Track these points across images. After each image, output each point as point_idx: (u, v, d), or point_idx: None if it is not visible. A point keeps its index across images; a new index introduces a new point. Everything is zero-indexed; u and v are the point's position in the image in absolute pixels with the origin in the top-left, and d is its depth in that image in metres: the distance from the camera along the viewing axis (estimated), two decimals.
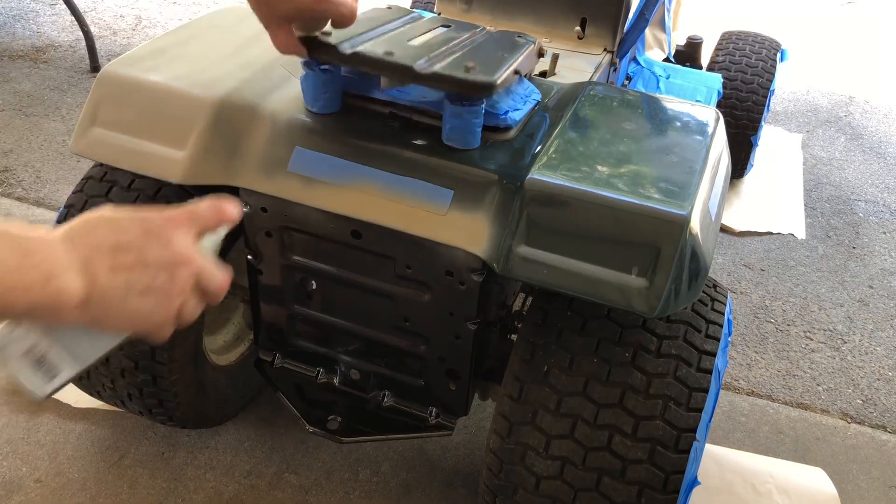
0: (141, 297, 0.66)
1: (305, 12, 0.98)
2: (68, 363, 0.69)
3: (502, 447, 1.19)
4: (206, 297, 0.75)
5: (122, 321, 0.67)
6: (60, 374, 0.69)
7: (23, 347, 0.68)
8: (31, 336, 0.68)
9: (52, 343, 0.68)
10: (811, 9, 5.03)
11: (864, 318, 2.34)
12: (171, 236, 0.69)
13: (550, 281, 1.09)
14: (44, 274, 0.60)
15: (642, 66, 2.43)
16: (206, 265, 0.73)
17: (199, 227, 0.73)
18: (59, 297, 0.61)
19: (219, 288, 0.75)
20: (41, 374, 0.69)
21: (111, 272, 0.64)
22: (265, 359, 1.52)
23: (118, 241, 0.65)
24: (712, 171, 1.19)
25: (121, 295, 0.65)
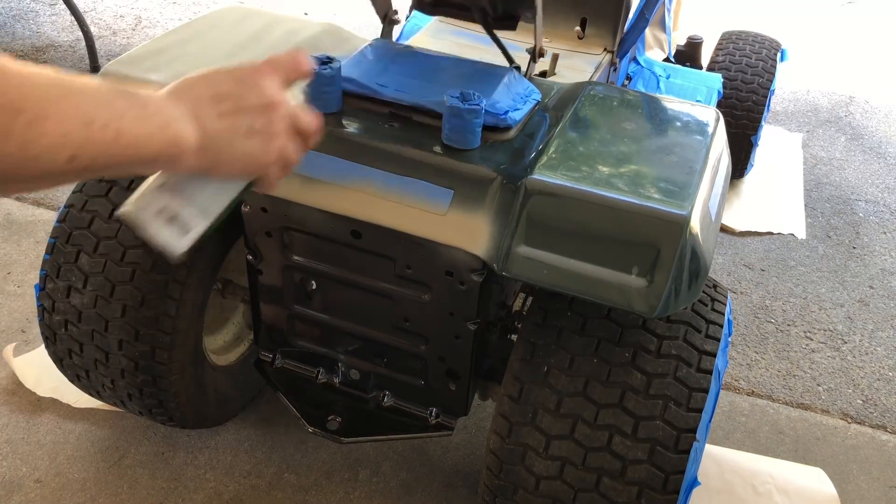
0: (246, 139, 0.72)
1: None
2: (198, 217, 0.76)
3: (502, 447, 1.19)
4: (302, 138, 0.79)
5: (233, 164, 0.73)
6: (194, 229, 0.76)
7: (155, 209, 0.74)
8: (161, 198, 0.75)
9: (181, 202, 0.75)
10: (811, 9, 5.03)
11: (865, 318, 2.34)
12: (262, 83, 0.74)
13: (550, 281, 1.09)
14: (161, 122, 0.65)
15: (642, 66, 2.43)
16: (296, 107, 0.77)
17: (282, 76, 0.77)
18: (177, 142, 0.67)
19: (311, 127, 0.79)
20: (175, 230, 0.75)
21: (216, 119, 0.70)
22: (265, 359, 1.52)
23: (216, 93, 0.71)
24: (712, 171, 1.19)
25: (228, 138, 0.71)
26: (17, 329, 2.02)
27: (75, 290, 1.39)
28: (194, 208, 0.76)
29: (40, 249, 2.29)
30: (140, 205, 0.75)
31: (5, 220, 2.44)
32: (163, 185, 0.76)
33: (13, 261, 2.25)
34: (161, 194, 0.75)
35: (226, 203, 0.78)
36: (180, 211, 0.76)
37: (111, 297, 1.37)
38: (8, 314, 2.06)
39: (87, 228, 1.39)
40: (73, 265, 1.39)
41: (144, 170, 0.69)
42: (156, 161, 0.67)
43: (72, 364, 1.49)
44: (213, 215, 0.78)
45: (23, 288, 2.15)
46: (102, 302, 1.37)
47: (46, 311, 1.44)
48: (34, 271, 2.21)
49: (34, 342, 1.95)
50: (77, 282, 1.39)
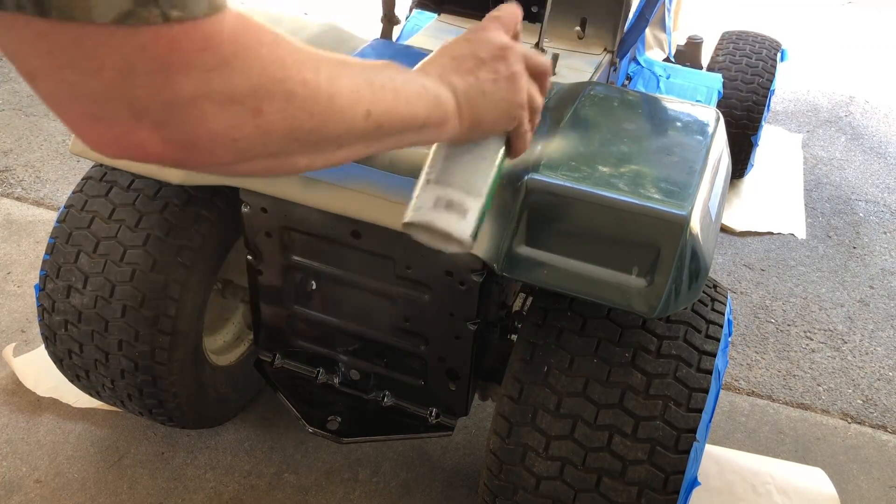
0: (495, 86, 0.75)
1: None
2: (470, 198, 0.78)
3: (502, 448, 1.19)
4: (539, 77, 0.81)
5: (491, 113, 0.76)
6: (470, 210, 0.77)
7: (431, 202, 0.77)
8: (431, 192, 0.77)
9: (450, 189, 0.77)
10: (811, 9, 5.03)
11: (865, 318, 2.34)
12: (490, 35, 0.77)
13: (550, 281, 1.09)
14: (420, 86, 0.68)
15: (642, 66, 2.43)
16: (526, 48, 0.79)
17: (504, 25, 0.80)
18: (440, 102, 0.70)
19: (545, 65, 0.81)
20: (455, 216, 0.76)
21: (462, 77, 0.73)
22: (265, 359, 1.52)
23: (453, 56, 0.74)
24: (712, 171, 1.19)
25: (479, 89, 0.73)
26: (17, 329, 2.02)
27: (75, 291, 1.39)
28: (463, 190, 0.77)
29: (40, 249, 2.29)
30: (416, 206, 0.77)
31: (5, 220, 2.44)
32: (427, 181, 0.78)
33: (13, 261, 2.25)
34: (428, 189, 0.77)
35: (490, 177, 0.79)
36: (452, 195, 0.77)
37: (111, 297, 1.37)
38: (8, 314, 2.06)
39: (87, 228, 1.39)
40: (73, 265, 1.39)
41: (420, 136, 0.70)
42: (429, 122, 0.69)
43: (72, 364, 1.49)
44: (483, 192, 0.78)
45: (23, 288, 2.15)
46: (102, 302, 1.37)
47: (46, 311, 1.44)
48: (34, 271, 2.21)
49: (34, 342, 1.95)
50: (77, 282, 1.39)
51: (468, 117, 0.73)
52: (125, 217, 1.38)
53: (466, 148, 0.78)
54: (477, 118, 0.74)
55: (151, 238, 1.36)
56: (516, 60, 0.77)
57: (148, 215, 1.38)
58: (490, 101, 0.75)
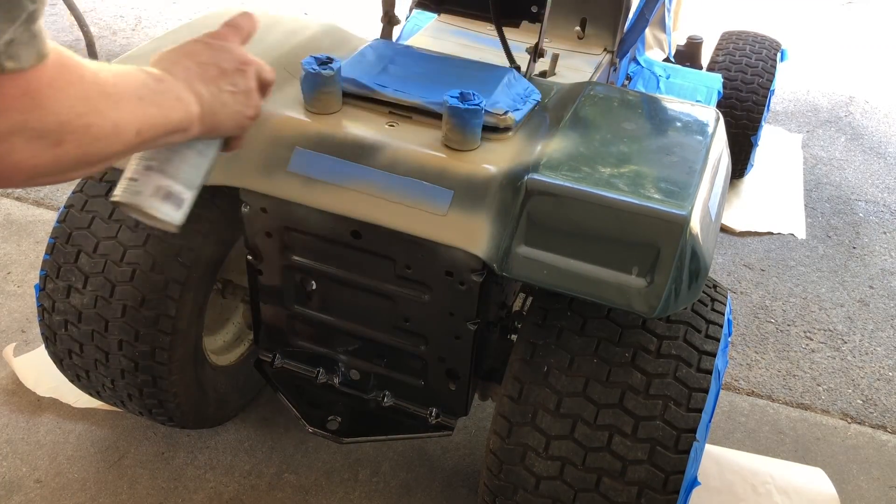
0: (233, 98, 0.83)
1: None
2: (188, 190, 0.86)
3: (502, 447, 1.19)
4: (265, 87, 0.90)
5: (227, 122, 0.83)
6: (186, 201, 0.86)
7: (150, 189, 0.83)
8: (152, 179, 0.84)
9: (170, 180, 0.84)
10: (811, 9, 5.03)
11: (865, 318, 2.34)
12: (231, 47, 0.85)
13: (550, 281, 1.09)
14: (175, 95, 0.75)
15: (642, 66, 2.43)
16: (260, 62, 0.88)
17: (241, 36, 0.89)
18: (188, 112, 0.77)
19: (271, 77, 0.90)
20: (171, 205, 0.84)
21: (206, 85, 0.79)
22: (265, 359, 1.52)
23: (198, 62, 0.80)
24: (712, 171, 1.19)
25: (220, 101, 0.81)
26: (17, 329, 2.02)
27: (75, 290, 1.39)
28: (181, 183, 0.85)
29: (40, 249, 2.29)
30: (133, 189, 0.83)
31: (5, 220, 2.44)
32: (148, 167, 0.84)
33: (13, 261, 2.25)
34: (150, 176, 0.84)
35: (204, 172, 0.88)
36: (172, 187, 0.84)
37: (111, 297, 1.37)
38: (8, 314, 2.06)
39: (87, 228, 1.39)
40: (73, 265, 1.39)
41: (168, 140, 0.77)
42: (178, 129, 0.76)
43: (72, 364, 1.49)
44: (196, 185, 0.88)
45: (23, 288, 2.15)
46: (102, 302, 1.37)
47: (46, 311, 1.44)
48: (34, 271, 2.21)
49: (34, 342, 1.95)
50: (77, 282, 1.39)
51: (207, 123, 0.80)
52: (125, 217, 1.38)
53: (190, 143, 0.85)
54: (214, 125, 0.82)
55: (151, 238, 1.36)
56: (252, 76, 0.85)
57: None
58: (227, 112, 0.82)
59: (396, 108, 1.25)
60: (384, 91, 1.25)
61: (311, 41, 1.43)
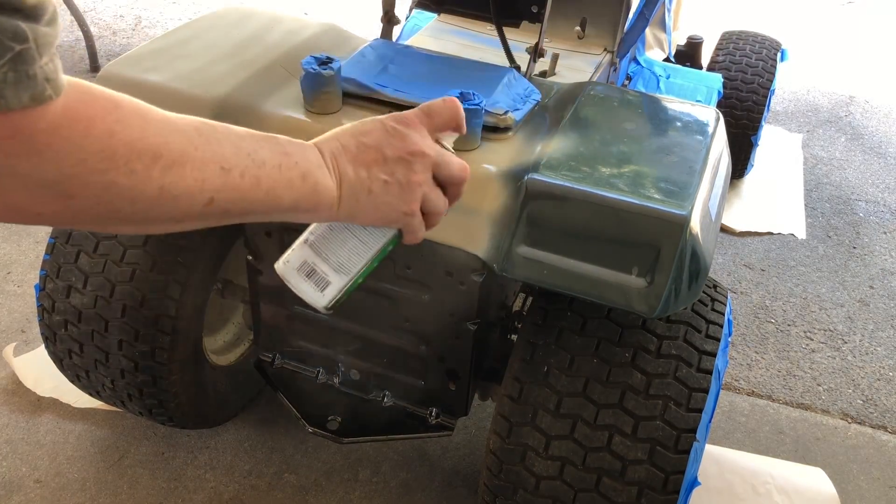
0: (385, 188, 0.73)
1: None
2: (335, 273, 0.80)
3: (502, 447, 1.19)
4: (450, 187, 0.79)
5: (371, 213, 0.74)
6: (332, 284, 0.79)
7: (298, 264, 0.79)
8: (302, 253, 0.79)
9: (318, 257, 0.79)
10: (811, 8, 5.03)
11: (865, 318, 2.34)
12: (408, 133, 0.74)
13: (550, 281, 1.09)
14: (302, 171, 0.67)
15: (642, 65, 2.43)
16: (442, 155, 0.76)
17: (433, 125, 0.77)
18: (317, 192, 0.68)
19: (458, 176, 0.78)
20: (313, 285, 0.79)
21: (356, 168, 0.71)
22: (265, 359, 1.52)
23: (361, 142, 0.72)
24: (712, 171, 1.19)
25: (366, 187, 0.72)
26: (17, 329, 2.02)
27: (75, 290, 1.39)
28: (330, 265, 0.79)
29: (40, 249, 2.29)
30: (287, 258, 0.79)
31: None
32: (306, 240, 0.79)
33: (13, 261, 2.25)
34: (303, 249, 0.79)
35: (366, 259, 0.80)
36: (317, 266, 0.79)
37: (111, 297, 1.37)
38: (8, 314, 2.06)
39: None
40: (73, 265, 1.39)
41: (285, 217, 0.70)
42: (295, 209, 0.68)
43: (72, 364, 1.49)
44: (352, 272, 0.80)
45: (23, 288, 2.15)
46: (102, 302, 1.37)
47: (46, 311, 1.44)
48: (34, 271, 2.21)
49: (34, 342, 1.95)
50: (77, 282, 1.39)
51: (345, 210, 0.72)
52: None
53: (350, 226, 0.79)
54: (353, 212, 0.73)
55: (151, 238, 1.36)
56: (422, 169, 0.75)
57: None
58: (373, 202, 0.73)
59: (396, 108, 1.25)
60: (384, 91, 1.25)
61: (311, 41, 1.43)
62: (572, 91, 1.36)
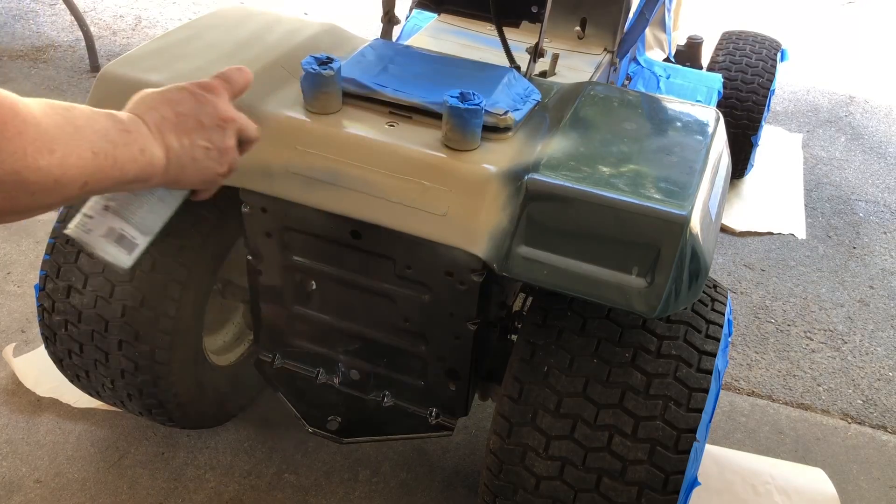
0: (206, 153, 0.80)
1: None
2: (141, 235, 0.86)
3: (502, 448, 1.19)
4: (246, 146, 0.89)
5: (194, 177, 0.81)
6: (138, 246, 0.86)
7: (103, 230, 0.83)
8: (107, 221, 0.83)
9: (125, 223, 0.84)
10: (811, 8, 5.03)
11: (865, 318, 2.34)
12: (216, 101, 0.82)
13: (550, 281, 1.09)
14: (140, 146, 0.73)
15: (642, 66, 2.43)
16: (244, 119, 0.87)
17: (232, 92, 0.87)
18: (152, 163, 0.74)
19: (256, 134, 0.89)
20: (122, 249, 0.85)
21: (178, 137, 0.77)
22: (265, 359, 1.52)
23: (177, 111, 0.78)
24: (712, 171, 1.19)
25: (190, 155, 0.79)
26: (17, 329, 2.02)
27: (75, 290, 1.39)
28: (136, 228, 0.86)
29: (40, 249, 2.29)
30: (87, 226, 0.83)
31: None
32: (106, 206, 0.84)
33: (13, 261, 2.25)
34: (106, 217, 0.84)
35: (164, 219, 0.88)
36: (125, 231, 0.85)
37: (111, 297, 1.37)
38: (8, 314, 2.06)
39: None
40: (73, 265, 1.39)
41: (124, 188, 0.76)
42: (135, 180, 0.74)
43: (72, 364, 1.49)
44: (154, 230, 0.88)
45: (23, 288, 2.15)
46: (102, 302, 1.37)
47: (46, 311, 1.44)
48: (34, 271, 2.21)
49: (34, 342, 1.95)
50: (77, 282, 1.39)
51: (172, 175, 0.79)
52: None
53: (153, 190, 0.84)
54: (179, 178, 0.80)
55: None
56: (232, 134, 0.84)
57: None
58: (196, 167, 0.81)
59: (396, 108, 1.25)
60: (384, 91, 1.25)
61: (311, 41, 1.43)
62: (572, 91, 1.36)
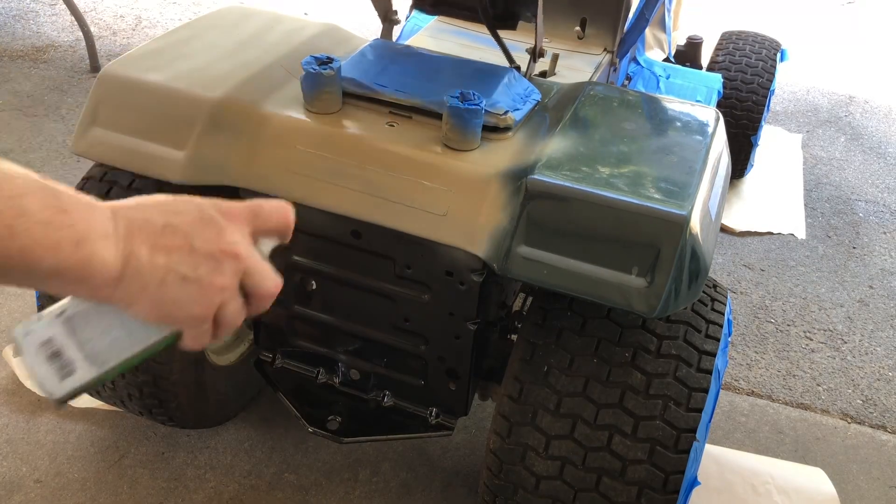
0: (181, 284, 0.60)
1: None
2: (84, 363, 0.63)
3: (502, 447, 1.19)
4: (254, 300, 0.67)
5: (156, 307, 0.61)
6: (74, 374, 0.62)
7: (41, 338, 0.63)
8: (51, 328, 0.63)
9: (71, 340, 0.63)
10: (811, 8, 5.03)
11: (864, 318, 2.34)
12: (225, 227, 0.63)
13: (550, 281, 1.09)
14: (76, 235, 0.55)
15: (642, 66, 2.43)
16: (257, 264, 0.65)
17: (257, 226, 0.67)
18: (90, 264, 0.56)
19: (269, 292, 0.67)
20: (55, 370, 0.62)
21: (152, 251, 0.59)
22: (265, 359, 1.52)
23: (168, 222, 0.61)
24: (712, 171, 1.19)
25: (159, 277, 0.60)
26: None
27: None
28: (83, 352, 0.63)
29: None
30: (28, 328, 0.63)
31: None
32: (62, 313, 0.64)
33: None
34: (52, 324, 0.63)
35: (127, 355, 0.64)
36: (65, 348, 0.63)
37: None
38: (8, 314, 2.06)
39: None
40: None
41: (44, 286, 0.58)
42: (58, 277, 0.56)
43: None
44: (106, 366, 0.63)
45: (23, 288, 2.15)
46: None
47: None
48: None
49: None
50: None
51: (124, 292, 0.59)
52: None
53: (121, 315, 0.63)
54: (132, 300, 0.60)
55: None
56: (231, 273, 0.62)
57: None
58: (163, 295, 0.60)
59: (396, 108, 1.25)
60: (384, 91, 1.25)
61: (311, 41, 1.43)
62: (572, 91, 1.36)
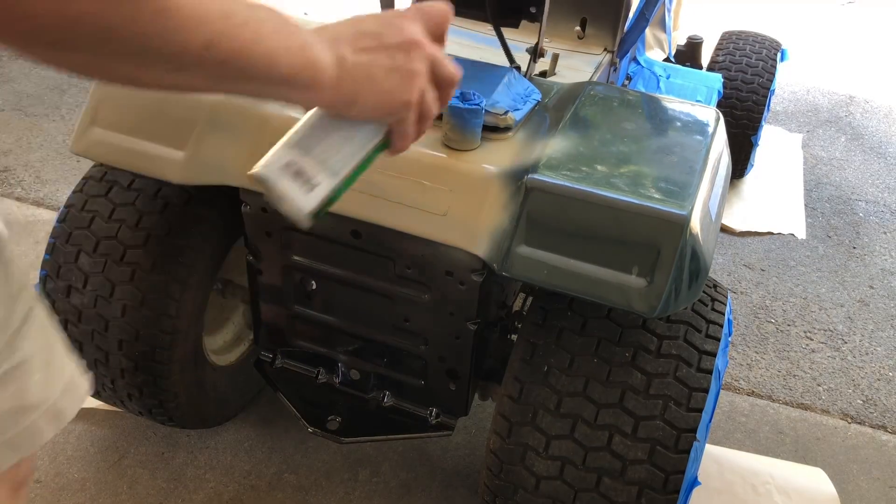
0: (386, 74, 0.69)
1: None
2: (324, 173, 0.72)
3: (502, 447, 1.19)
4: (443, 87, 0.75)
5: (371, 99, 0.70)
6: (320, 185, 0.72)
7: (282, 164, 0.71)
8: (288, 154, 0.72)
9: (307, 157, 0.72)
10: (811, 8, 5.03)
11: (865, 318, 2.34)
12: (404, 24, 0.72)
13: (550, 281, 1.09)
14: (301, 41, 0.63)
15: (642, 65, 2.43)
16: (438, 52, 0.74)
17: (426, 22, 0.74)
18: (315, 64, 0.64)
19: (454, 77, 0.75)
20: (299, 185, 0.71)
21: (355, 53, 0.68)
22: (265, 359, 1.52)
23: (358, 30, 0.69)
24: (712, 171, 1.19)
25: (367, 72, 0.68)
26: None
27: (75, 290, 1.39)
28: (320, 164, 0.73)
29: (40, 249, 2.28)
30: (267, 162, 0.72)
31: (5, 220, 2.43)
32: (290, 141, 0.73)
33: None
34: (288, 150, 0.73)
35: (356, 160, 0.74)
36: (305, 165, 0.72)
37: (111, 297, 1.37)
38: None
39: (87, 228, 1.39)
40: (73, 265, 1.39)
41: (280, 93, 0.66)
42: (292, 81, 0.64)
43: None
44: (341, 173, 0.74)
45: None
46: (102, 302, 1.37)
47: None
48: (34, 271, 2.20)
49: None
50: (77, 282, 1.39)
51: (344, 92, 0.68)
52: (125, 217, 1.38)
53: (339, 124, 0.73)
54: (352, 98, 0.69)
55: (151, 238, 1.36)
56: (420, 60, 0.71)
57: (148, 215, 1.38)
58: (374, 88, 0.69)
59: None
60: None
61: None
62: (572, 91, 1.36)
